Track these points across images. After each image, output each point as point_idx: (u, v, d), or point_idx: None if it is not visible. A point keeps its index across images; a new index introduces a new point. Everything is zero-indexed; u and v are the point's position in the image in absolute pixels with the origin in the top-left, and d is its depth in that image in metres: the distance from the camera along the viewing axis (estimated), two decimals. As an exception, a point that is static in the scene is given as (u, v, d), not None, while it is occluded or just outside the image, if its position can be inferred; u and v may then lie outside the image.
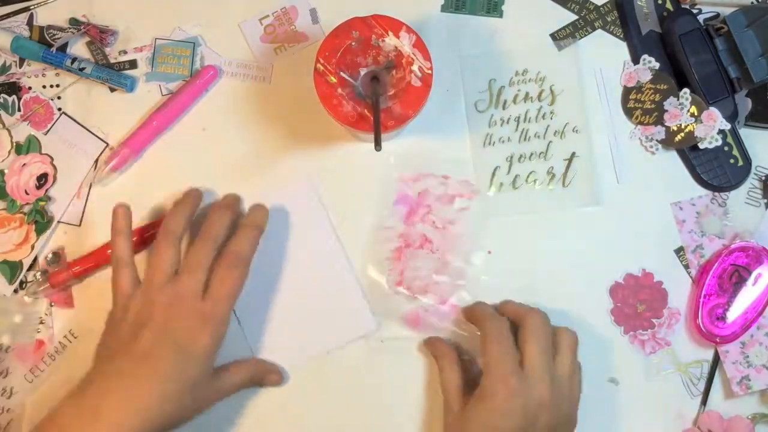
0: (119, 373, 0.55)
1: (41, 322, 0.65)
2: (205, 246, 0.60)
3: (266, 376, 0.63)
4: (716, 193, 0.66)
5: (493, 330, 0.58)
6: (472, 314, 0.63)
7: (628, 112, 0.67)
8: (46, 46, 0.66)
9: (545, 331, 0.59)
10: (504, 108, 0.67)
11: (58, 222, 0.66)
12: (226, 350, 0.60)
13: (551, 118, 0.67)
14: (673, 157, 0.67)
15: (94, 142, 0.67)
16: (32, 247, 0.66)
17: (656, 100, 0.66)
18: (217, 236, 0.60)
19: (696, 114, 0.65)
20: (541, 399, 0.56)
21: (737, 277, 0.65)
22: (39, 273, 0.66)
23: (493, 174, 0.66)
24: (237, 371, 0.61)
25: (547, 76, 0.67)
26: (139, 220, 0.66)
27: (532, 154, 0.66)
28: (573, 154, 0.66)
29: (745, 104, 0.67)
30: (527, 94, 0.67)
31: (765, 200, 0.67)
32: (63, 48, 0.67)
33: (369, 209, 0.66)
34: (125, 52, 0.67)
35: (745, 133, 0.67)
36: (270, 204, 0.64)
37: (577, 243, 0.66)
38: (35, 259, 0.66)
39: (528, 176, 0.66)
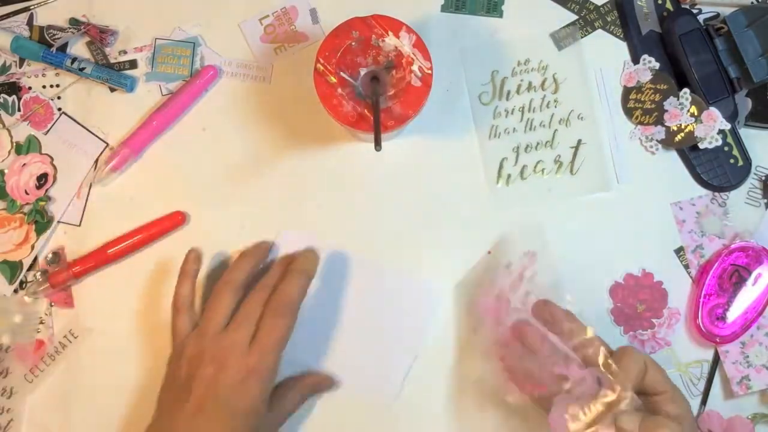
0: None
1: (41, 322, 0.65)
2: (254, 297, 0.59)
3: (321, 385, 0.64)
4: (716, 193, 0.66)
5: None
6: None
7: (628, 112, 0.67)
8: (46, 46, 0.66)
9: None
10: (508, 99, 0.67)
11: (58, 222, 0.66)
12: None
13: (555, 107, 0.67)
14: (673, 157, 0.67)
15: (94, 142, 0.67)
16: (32, 247, 0.66)
17: (656, 100, 0.66)
18: (266, 286, 0.60)
19: (696, 114, 0.65)
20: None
21: (737, 277, 0.65)
22: (39, 273, 0.66)
23: (501, 166, 0.66)
24: (293, 396, 0.62)
25: (549, 65, 0.67)
26: (138, 220, 0.66)
27: (538, 144, 0.67)
28: (579, 141, 0.66)
29: (745, 104, 0.67)
30: (530, 83, 0.67)
31: (765, 200, 0.67)
32: (63, 48, 0.67)
33: (369, 209, 0.66)
34: (125, 52, 0.67)
35: (745, 133, 0.67)
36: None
37: (576, 243, 0.66)
38: (35, 259, 0.66)
39: (536, 166, 0.66)
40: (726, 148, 0.66)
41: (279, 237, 0.65)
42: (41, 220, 0.66)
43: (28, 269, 0.66)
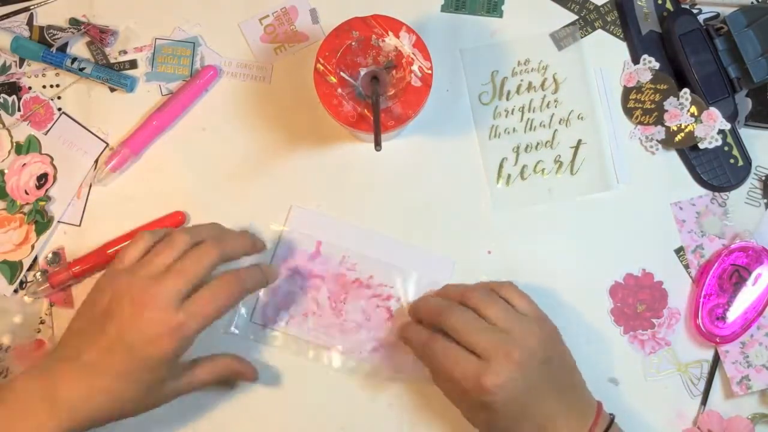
0: (81, 363, 0.53)
1: (41, 322, 0.65)
2: (204, 257, 0.55)
3: (241, 375, 0.62)
4: (716, 193, 0.66)
5: (454, 316, 0.57)
6: (419, 312, 0.62)
7: (628, 112, 0.67)
8: (46, 46, 0.66)
9: (490, 293, 0.59)
10: (508, 99, 0.67)
11: (58, 222, 0.66)
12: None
13: (555, 107, 0.67)
14: (673, 157, 0.67)
15: (94, 142, 0.67)
16: (32, 247, 0.66)
17: (656, 100, 0.66)
18: (226, 254, 0.57)
19: (696, 114, 0.65)
20: (532, 338, 0.56)
21: (737, 277, 0.65)
22: (39, 273, 0.66)
23: (501, 166, 0.66)
24: (208, 369, 0.59)
25: (549, 65, 0.67)
26: (138, 220, 0.66)
27: (538, 144, 0.67)
28: (579, 141, 0.66)
29: (745, 104, 0.67)
30: (530, 83, 0.67)
31: (765, 200, 0.67)
32: (63, 48, 0.67)
33: (369, 209, 0.66)
34: (125, 52, 0.67)
35: (745, 133, 0.67)
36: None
37: (576, 243, 0.66)
38: (35, 259, 0.66)
39: (536, 165, 0.66)
40: (726, 148, 0.66)
41: (290, 212, 0.66)
42: (41, 220, 0.66)
43: (28, 269, 0.66)
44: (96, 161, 0.67)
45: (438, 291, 0.64)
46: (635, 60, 0.67)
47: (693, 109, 0.65)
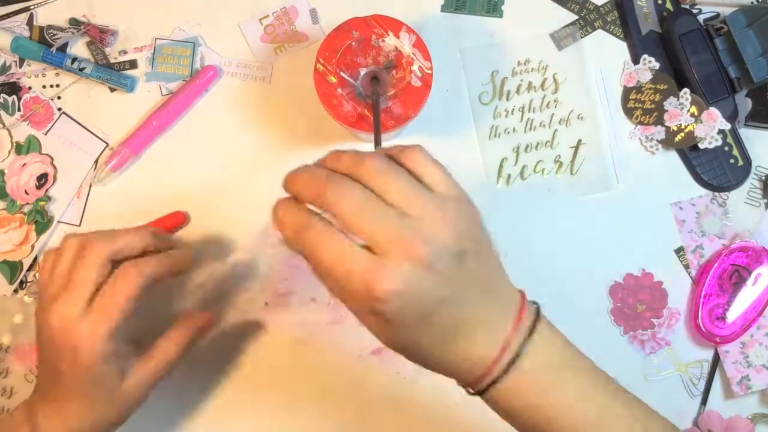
0: (46, 396, 0.55)
1: (41, 322, 0.65)
2: (99, 256, 0.53)
3: (201, 330, 0.60)
4: (716, 193, 0.66)
5: (341, 194, 0.41)
6: (295, 184, 0.45)
7: (628, 112, 0.67)
8: (46, 46, 0.66)
9: (390, 164, 0.43)
10: (508, 99, 0.67)
11: (58, 222, 0.66)
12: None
13: (555, 107, 0.67)
14: (673, 157, 0.67)
15: (94, 142, 0.67)
16: (32, 247, 0.66)
17: (656, 100, 0.66)
18: (113, 252, 0.54)
19: (696, 114, 0.65)
20: (444, 225, 0.42)
21: (737, 277, 0.65)
22: (39, 273, 0.66)
23: (501, 166, 0.66)
24: (164, 346, 0.57)
25: (549, 65, 0.67)
26: (138, 220, 0.65)
27: (538, 144, 0.67)
28: (579, 141, 0.66)
29: (745, 104, 0.67)
30: (530, 83, 0.67)
31: (765, 200, 0.67)
32: (63, 48, 0.67)
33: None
34: (125, 52, 0.67)
35: (745, 133, 0.67)
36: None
37: (576, 243, 0.66)
38: (35, 259, 0.66)
39: (536, 165, 0.66)
40: (726, 148, 0.66)
41: None
42: (41, 220, 0.66)
43: (28, 269, 0.66)
44: (96, 161, 0.67)
45: (323, 157, 0.46)
46: (635, 60, 0.67)
47: (693, 109, 0.65)
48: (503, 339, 0.44)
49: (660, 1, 0.67)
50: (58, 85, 0.67)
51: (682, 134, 0.66)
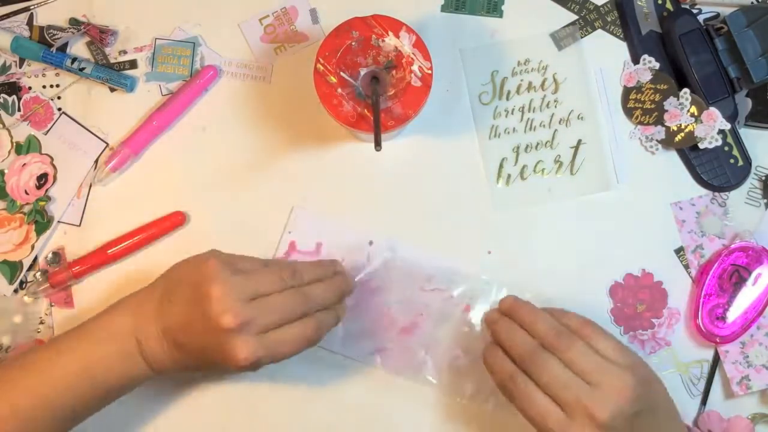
0: (165, 329, 0.56)
1: (41, 322, 0.65)
2: (297, 298, 0.56)
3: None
4: (716, 193, 0.66)
5: (542, 366, 0.54)
6: (501, 338, 0.58)
7: (628, 112, 0.67)
8: (46, 46, 0.66)
9: (572, 338, 0.55)
10: (508, 99, 0.67)
11: (58, 222, 0.66)
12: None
13: (555, 107, 0.67)
14: (673, 157, 0.67)
15: (94, 142, 0.67)
16: (32, 247, 0.66)
17: (656, 100, 0.66)
18: (313, 300, 0.57)
19: (696, 114, 0.65)
20: (621, 391, 0.52)
21: (737, 277, 0.65)
22: (39, 273, 0.66)
23: (501, 166, 0.66)
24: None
25: (549, 65, 0.67)
26: (138, 220, 0.66)
27: (538, 144, 0.67)
28: (579, 141, 0.66)
29: (745, 104, 0.67)
30: (530, 83, 0.67)
31: (765, 200, 0.67)
32: (63, 48, 0.67)
33: (369, 209, 0.66)
34: (125, 52, 0.67)
35: (745, 133, 0.67)
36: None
37: (576, 243, 0.66)
38: (35, 259, 0.66)
39: (536, 165, 0.66)
40: (726, 148, 0.66)
41: (292, 213, 0.66)
42: (41, 220, 0.66)
43: (28, 269, 0.66)
44: (96, 161, 0.67)
45: (520, 309, 0.58)
46: (635, 60, 0.67)
47: (693, 109, 0.65)
48: None
49: (660, 1, 0.67)
50: (58, 85, 0.67)
51: (682, 134, 0.66)
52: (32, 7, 0.68)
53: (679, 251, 0.66)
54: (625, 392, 0.52)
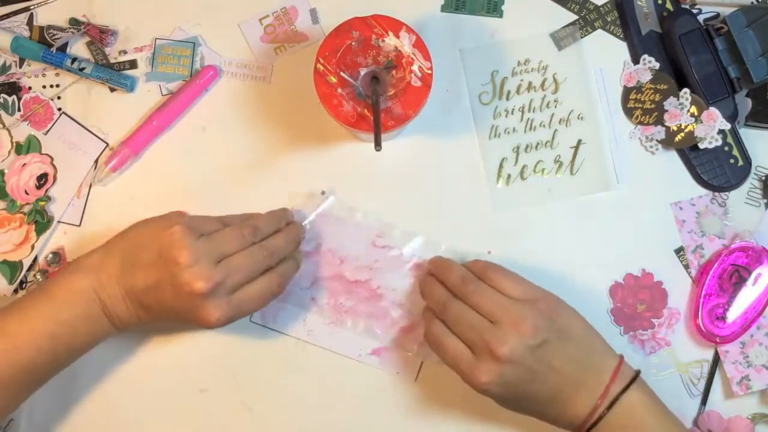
0: (129, 287, 0.58)
1: (41, 322, 0.65)
2: (260, 254, 0.59)
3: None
4: (716, 193, 0.66)
5: (445, 309, 0.58)
6: (426, 295, 0.62)
7: (628, 112, 0.67)
8: (46, 46, 0.66)
9: (477, 283, 0.59)
10: (508, 99, 0.67)
11: (58, 222, 0.66)
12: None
13: (555, 107, 0.67)
14: (673, 157, 0.67)
15: (94, 142, 0.67)
16: (32, 247, 0.66)
17: (656, 100, 0.66)
18: (275, 254, 0.60)
19: (696, 114, 0.65)
20: (523, 324, 0.55)
21: (737, 277, 0.65)
22: (39, 273, 0.66)
23: (501, 166, 0.66)
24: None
25: (549, 65, 0.67)
26: (138, 220, 0.65)
27: (538, 144, 0.67)
28: (579, 141, 0.66)
29: (745, 104, 0.67)
30: (530, 83, 0.67)
31: (765, 200, 0.67)
32: (63, 48, 0.67)
33: (369, 209, 0.66)
34: (125, 52, 0.67)
35: (745, 133, 0.67)
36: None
37: (576, 243, 0.66)
38: (35, 259, 0.66)
39: (536, 166, 0.66)
40: (726, 148, 0.66)
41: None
42: (41, 220, 0.66)
43: (28, 269, 0.66)
44: (96, 161, 0.67)
45: (438, 266, 0.62)
46: (635, 60, 0.67)
47: (693, 109, 0.65)
48: (601, 391, 0.56)
49: (660, 1, 0.67)
50: (58, 85, 0.67)
51: (682, 134, 0.66)
52: (32, 7, 0.68)
53: (679, 251, 0.66)
54: (523, 325, 0.55)
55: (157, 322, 0.59)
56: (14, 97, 0.67)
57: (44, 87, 0.67)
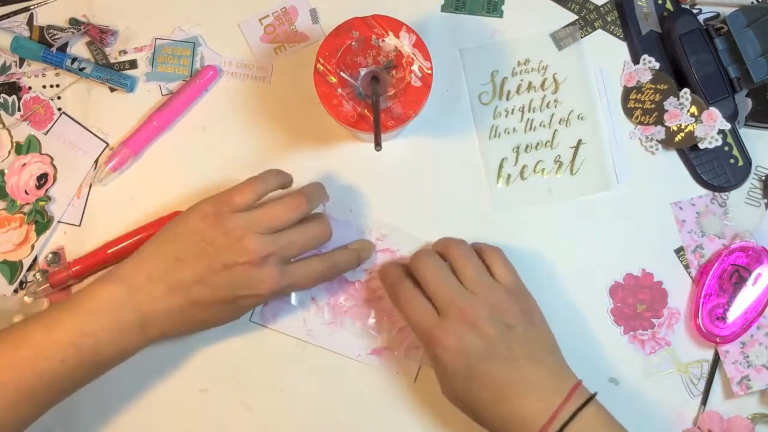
0: (169, 285, 0.57)
1: (41, 322, 0.65)
2: (320, 237, 0.60)
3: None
4: (716, 193, 0.66)
5: (424, 263, 0.58)
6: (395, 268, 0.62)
7: (628, 112, 0.67)
8: (46, 46, 0.66)
9: (470, 252, 0.60)
10: (508, 99, 0.67)
11: (58, 222, 0.66)
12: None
13: (555, 107, 0.67)
14: (673, 157, 0.67)
15: (94, 142, 0.67)
16: (32, 247, 0.66)
17: (656, 100, 0.66)
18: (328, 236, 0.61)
19: (696, 114, 0.65)
20: (497, 303, 0.56)
21: (737, 277, 0.65)
22: (39, 273, 0.66)
23: (501, 166, 0.66)
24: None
25: (549, 65, 0.67)
26: (138, 220, 0.66)
27: (538, 144, 0.67)
28: (579, 141, 0.66)
29: (745, 104, 0.67)
30: (530, 83, 0.67)
31: (765, 200, 0.67)
32: (63, 48, 0.67)
33: (369, 209, 0.66)
34: (125, 52, 0.67)
35: (745, 133, 0.67)
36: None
37: (576, 243, 0.66)
38: (35, 259, 0.66)
39: (536, 166, 0.66)
40: (726, 148, 0.66)
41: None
42: (41, 220, 0.66)
43: (28, 269, 0.66)
44: (96, 161, 0.67)
45: (444, 242, 0.63)
46: (635, 60, 0.67)
47: (693, 109, 0.65)
48: (554, 407, 0.53)
49: (660, 1, 0.67)
50: (58, 85, 0.67)
51: (682, 134, 0.66)
52: (32, 7, 0.68)
53: (679, 251, 0.66)
54: (499, 305, 0.56)
55: (196, 326, 0.59)
56: (14, 97, 0.67)
57: (44, 87, 0.67)
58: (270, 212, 0.58)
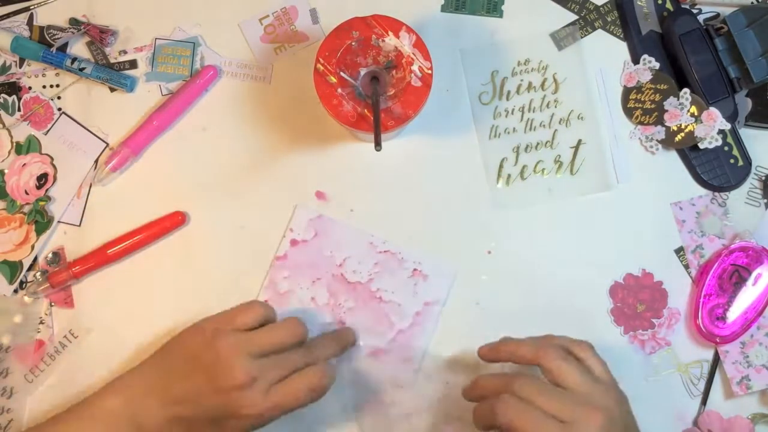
0: (167, 398, 0.57)
1: (41, 322, 0.65)
2: (296, 356, 0.58)
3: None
4: (716, 193, 0.66)
5: (533, 386, 0.54)
6: (479, 387, 0.57)
7: (628, 112, 0.67)
8: (46, 46, 0.66)
9: (567, 358, 0.56)
10: (508, 99, 0.67)
11: (58, 222, 0.66)
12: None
13: (555, 107, 0.67)
14: (673, 157, 0.67)
15: (94, 142, 0.67)
16: (32, 247, 0.66)
17: (656, 100, 0.66)
18: (310, 352, 0.59)
19: (696, 114, 0.65)
20: (613, 404, 0.54)
21: (737, 277, 0.65)
22: (39, 273, 0.66)
23: (501, 166, 0.66)
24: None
25: (549, 65, 0.67)
26: (138, 220, 0.66)
27: (538, 144, 0.67)
28: (579, 141, 0.67)
29: (745, 104, 0.67)
30: (530, 83, 0.67)
31: (765, 200, 0.67)
32: (63, 48, 0.67)
33: (369, 209, 0.66)
34: (125, 52, 0.67)
35: (745, 133, 0.67)
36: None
37: (576, 243, 0.66)
38: (35, 259, 0.66)
39: (536, 166, 0.67)
40: (726, 148, 0.66)
41: (295, 211, 0.66)
42: (41, 220, 0.66)
43: (28, 269, 0.66)
44: (96, 161, 0.67)
45: (503, 345, 0.59)
46: (635, 60, 0.67)
47: (693, 109, 0.65)
48: None
49: (660, 1, 0.67)
50: (58, 85, 0.67)
51: (682, 134, 0.66)
52: (32, 7, 0.68)
53: (679, 251, 0.66)
54: (614, 401, 0.54)
55: None
56: (14, 97, 0.67)
57: (44, 87, 0.67)
58: (267, 336, 0.57)
